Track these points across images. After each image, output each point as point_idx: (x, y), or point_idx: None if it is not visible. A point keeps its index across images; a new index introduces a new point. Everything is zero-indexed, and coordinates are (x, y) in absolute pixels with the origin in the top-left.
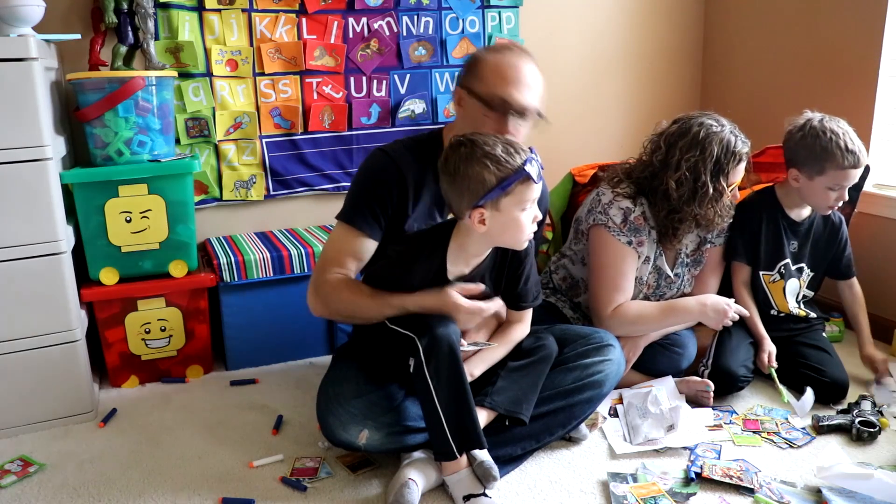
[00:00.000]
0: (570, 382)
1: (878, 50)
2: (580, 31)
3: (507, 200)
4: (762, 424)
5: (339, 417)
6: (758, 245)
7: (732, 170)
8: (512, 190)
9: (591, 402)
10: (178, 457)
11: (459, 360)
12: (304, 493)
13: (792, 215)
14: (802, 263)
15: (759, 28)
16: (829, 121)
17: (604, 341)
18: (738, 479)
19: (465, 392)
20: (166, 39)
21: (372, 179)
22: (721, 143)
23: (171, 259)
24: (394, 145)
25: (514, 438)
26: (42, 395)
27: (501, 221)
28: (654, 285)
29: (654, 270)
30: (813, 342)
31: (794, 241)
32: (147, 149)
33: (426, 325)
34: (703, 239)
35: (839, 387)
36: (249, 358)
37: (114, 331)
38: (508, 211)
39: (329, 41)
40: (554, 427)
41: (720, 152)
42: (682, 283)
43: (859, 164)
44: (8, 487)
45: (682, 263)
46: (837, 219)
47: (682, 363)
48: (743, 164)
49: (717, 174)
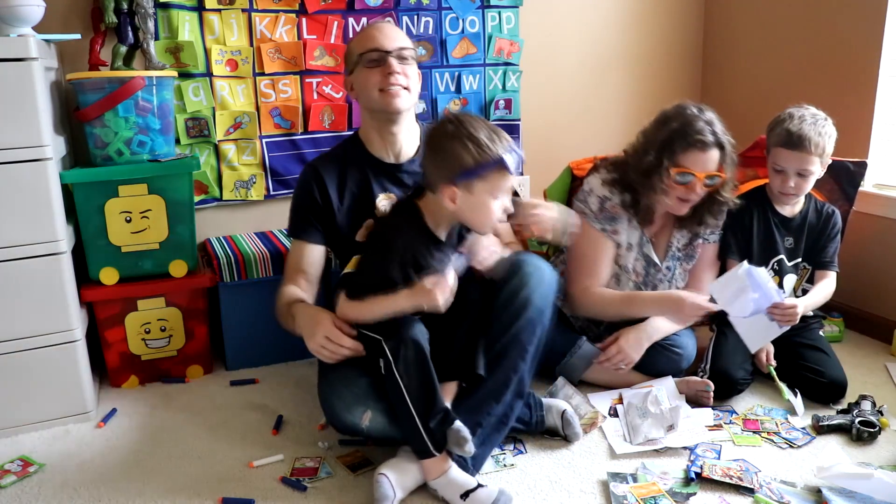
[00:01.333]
0: (504, 316)
1: (878, 50)
2: (580, 31)
3: (480, 185)
4: (762, 424)
5: (344, 398)
6: (750, 242)
7: (681, 151)
8: (487, 176)
9: (532, 323)
10: (178, 457)
11: (427, 358)
12: (304, 493)
13: (783, 211)
14: (798, 259)
15: (759, 28)
16: (799, 108)
17: (517, 263)
18: (738, 479)
19: (436, 389)
20: (166, 39)
21: (299, 191)
22: (681, 122)
23: (170, 259)
24: (319, 156)
25: (485, 395)
26: (42, 395)
27: (471, 203)
28: (643, 273)
29: (641, 258)
30: (811, 342)
31: (789, 237)
32: (147, 149)
33: (392, 328)
34: (696, 234)
35: (837, 387)
36: (249, 358)
37: (114, 331)
38: (480, 195)
39: (329, 41)
40: (515, 361)
41: (676, 129)
42: (673, 276)
43: (797, 148)
44: (8, 487)
45: (674, 257)
46: (830, 210)
47: (681, 364)
48: (698, 154)
49: (664, 149)
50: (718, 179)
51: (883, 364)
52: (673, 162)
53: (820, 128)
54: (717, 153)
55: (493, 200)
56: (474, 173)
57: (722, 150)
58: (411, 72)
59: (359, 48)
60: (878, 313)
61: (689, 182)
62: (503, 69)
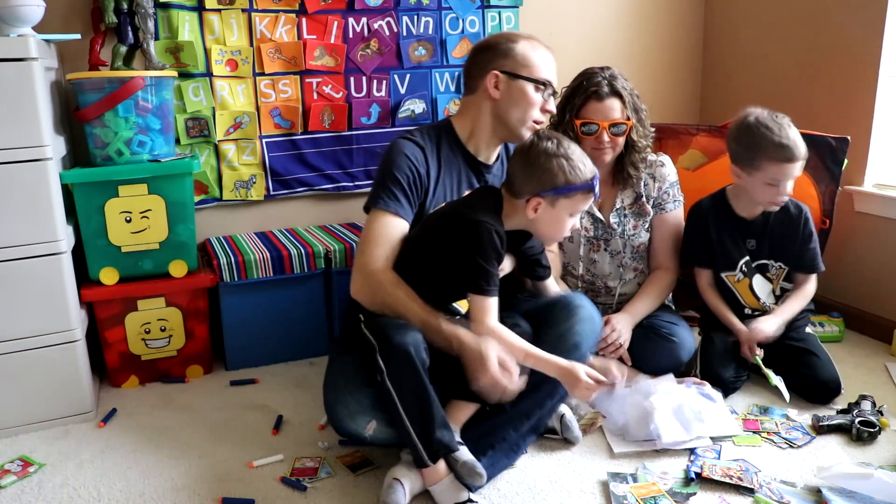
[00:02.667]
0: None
1: (878, 50)
2: (580, 31)
3: (564, 202)
4: (762, 424)
5: (348, 406)
6: (710, 248)
7: (581, 104)
8: (573, 196)
9: None
10: (178, 457)
11: (419, 368)
12: (304, 493)
13: (743, 214)
14: (765, 260)
15: (759, 28)
16: (765, 116)
17: (572, 303)
18: (738, 479)
19: (429, 400)
20: (166, 39)
21: (400, 161)
22: (581, 79)
23: (171, 259)
24: (414, 131)
25: (505, 420)
26: (42, 395)
27: (551, 217)
28: (592, 229)
29: (587, 216)
30: (800, 345)
31: (751, 239)
32: (147, 149)
33: (386, 334)
34: (639, 194)
35: (830, 389)
36: (249, 358)
37: (114, 331)
38: (560, 211)
39: (329, 41)
40: (541, 398)
41: (575, 85)
42: (624, 232)
43: (794, 158)
44: (8, 487)
45: (620, 213)
46: (797, 210)
47: (680, 354)
48: (597, 105)
49: (566, 104)
50: (624, 127)
51: (883, 364)
52: (576, 114)
53: (794, 128)
54: (616, 102)
55: (569, 218)
56: (563, 190)
57: (621, 98)
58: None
59: (548, 75)
60: (878, 313)
61: (594, 132)
62: None
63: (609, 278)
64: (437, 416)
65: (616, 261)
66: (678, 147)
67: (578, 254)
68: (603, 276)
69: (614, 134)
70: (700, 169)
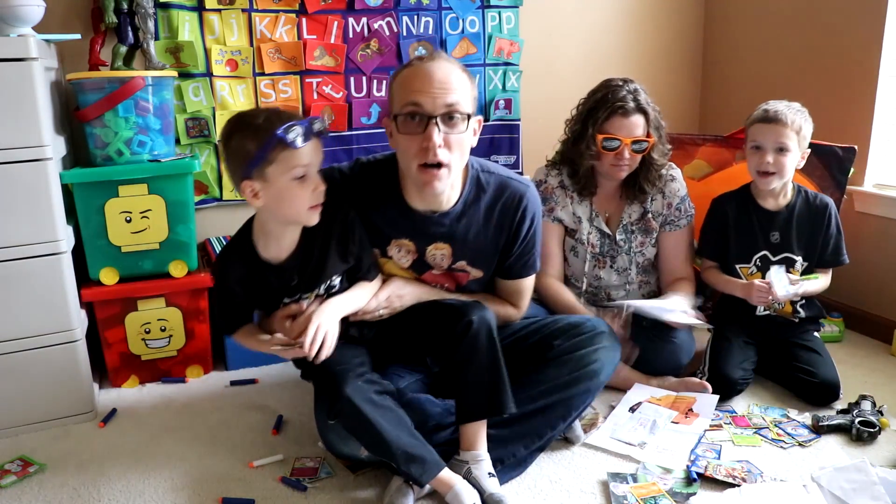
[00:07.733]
0: (565, 374)
1: (878, 50)
2: (580, 31)
3: (272, 169)
4: (753, 421)
5: (339, 433)
6: (727, 238)
7: (605, 118)
8: (273, 157)
9: (589, 392)
10: (178, 457)
11: (365, 412)
12: (304, 493)
13: (766, 206)
14: (788, 253)
15: (759, 28)
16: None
17: (596, 329)
18: (741, 479)
19: (386, 442)
20: (166, 39)
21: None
22: (604, 92)
23: (171, 259)
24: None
25: (516, 436)
26: (42, 395)
27: (273, 193)
28: (598, 244)
29: (594, 230)
30: (804, 343)
31: (775, 231)
32: (147, 149)
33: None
34: (646, 210)
35: (830, 388)
36: (249, 358)
37: (114, 331)
38: (276, 180)
39: (329, 41)
40: (554, 420)
41: (599, 98)
42: (630, 249)
43: (772, 119)
44: (8, 487)
45: (627, 230)
46: (822, 203)
47: (680, 356)
48: (621, 120)
49: (589, 118)
50: (646, 144)
51: (883, 364)
52: (598, 129)
53: (795, 108)
54: (640, 119)
55: (294, 182)
56: (259, 158)
57: (646, 115)
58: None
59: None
60: (878, 313)
61: (616, 147)
62: (503, 69)
63: (613, 289)
64: (398, 455)
65: (622, 277)
66: (684, 157)
67: (583, 269)
68: (607, 288)
69: (635, 151)
70: (704, 179)
